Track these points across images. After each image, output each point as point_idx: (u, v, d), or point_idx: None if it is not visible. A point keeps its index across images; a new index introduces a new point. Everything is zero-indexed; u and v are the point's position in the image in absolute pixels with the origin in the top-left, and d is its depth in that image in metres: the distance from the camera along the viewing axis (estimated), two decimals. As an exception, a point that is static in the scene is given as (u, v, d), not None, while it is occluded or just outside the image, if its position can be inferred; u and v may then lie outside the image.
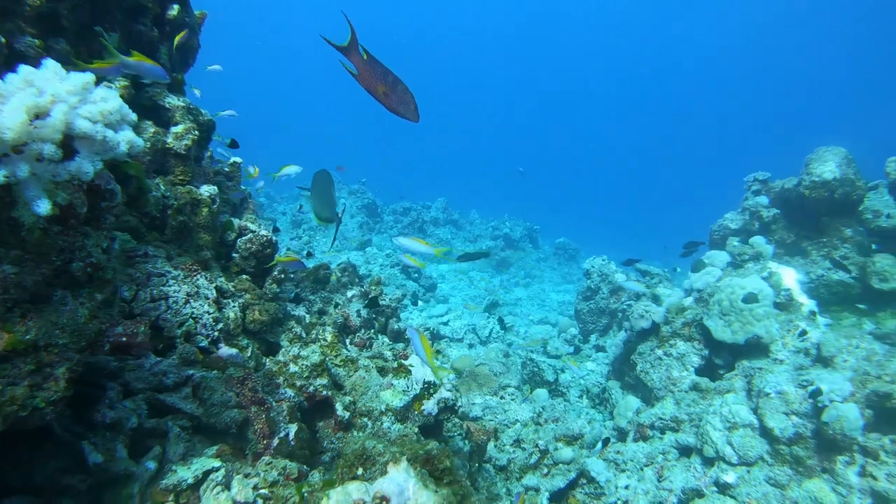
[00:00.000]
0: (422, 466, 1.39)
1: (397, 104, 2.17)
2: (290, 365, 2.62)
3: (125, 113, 1.49)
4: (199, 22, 3.95)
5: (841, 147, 6.33)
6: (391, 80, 2.12)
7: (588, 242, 18.54)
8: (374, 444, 1.41)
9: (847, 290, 6.27)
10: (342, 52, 2.08)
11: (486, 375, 5.10)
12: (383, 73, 2.11)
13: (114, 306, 1.89)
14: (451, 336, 7.97)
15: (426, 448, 1.53)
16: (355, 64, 2.09)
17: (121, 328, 1.89)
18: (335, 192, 4.49)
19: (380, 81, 2.11)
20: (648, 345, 5.25)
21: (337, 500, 1.22)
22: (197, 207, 3.04)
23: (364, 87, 2.13)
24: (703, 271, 5.29)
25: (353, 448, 1.42)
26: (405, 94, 2.15)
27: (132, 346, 1.94)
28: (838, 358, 4.45)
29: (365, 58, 2.07)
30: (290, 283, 5.09)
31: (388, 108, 2.17)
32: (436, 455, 1.51)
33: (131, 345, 1.94)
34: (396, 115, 2.20)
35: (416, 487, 1.27)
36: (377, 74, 2.11)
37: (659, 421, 4.81)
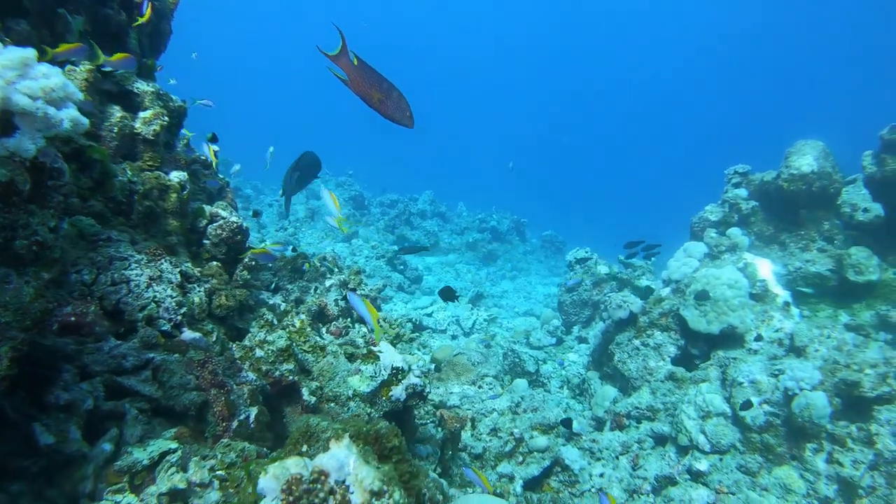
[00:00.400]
0: (366, 444, 1.40)
1: (393, 111, 2.15)
2: (257, 350, 2.62)
3: (69, 91, 1.47)
4: (172, 7, 3.92)
5: (819, 141, 6.38)
6: (385, 87, 2.11)
7: (575, 235, 18.60)
8: (318, 421, 1.42)
9: (824, 282, 6.33)
10: (333, 61, 2.07)
11: (464, 365, 5.11)
12: (377, 80, 2.09)
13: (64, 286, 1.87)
14: (435, 327, 7.99)
15: (375, 427, 1.54)
16: (346, 70, 2.08)
17: (70, 308, 1.88)
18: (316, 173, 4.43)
19: (374, 88, 2.10)
20: (626, 335, 5.28)
21: (274, 473, 1.22)
22: (165, 193, 3.02)
23: (357, 93, 2.12)
24: (680, 262, 5.33)
25: (298, 425, 1.43)
26: (400, 100, 2.14)
27: (82, 325, 1.93)
28: (810, 348, 4.50)
29: (356, 63, 2.06)
30: (268, 272, 5.08)
31: (382, 114, 2.16)
32: (384, 434, 1.52)
33: (81, 325, 1.92)
34: (391, 122, 2.18)
35: (356, 463, 1.27)
36: (371, 80, 2.09)
37: (635, 410, 4.85)
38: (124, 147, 3.09)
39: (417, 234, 13.95)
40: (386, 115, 2.16)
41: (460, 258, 13.67)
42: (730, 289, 4.70)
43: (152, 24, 3.65)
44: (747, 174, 6.95)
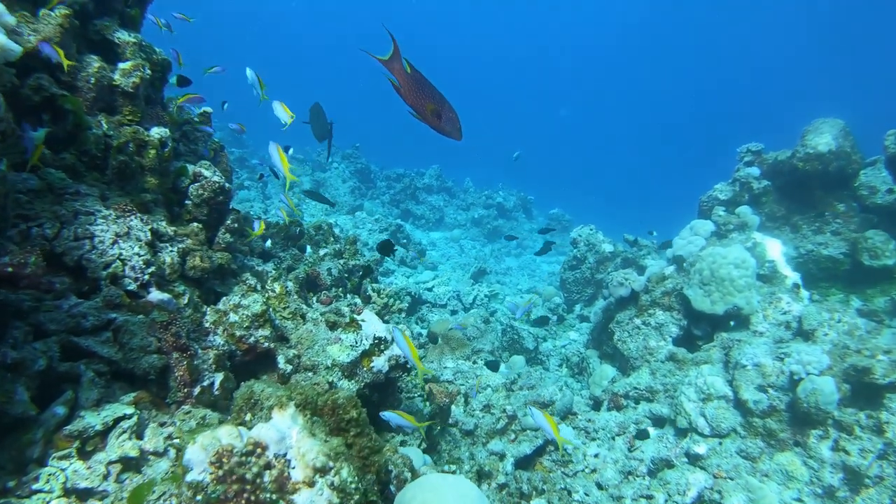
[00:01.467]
0: (317, 414, 1.26)
1: (445, 123, 2.11)
2: (231, 314, 2.49)
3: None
4: (160, -44, 3.72)
5: (839, 119, 6.11)
6: (438, 99, 2.07)
7: (582, 214, 18.34)
8: (263, 388, 1.28)
9: (836, 266, 6.12)
10: (383, 65, 2.03)
11: (459, 339, 4.98)
12: (430, 91, 2.06)
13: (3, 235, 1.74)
14: (434, 302, 7.85)
15: (333, 397, 1.40)
16: (399, 78, 2.04)
17: (7, 258, 1.74)
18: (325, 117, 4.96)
19: (428, 99, 2.06)
20: (627, 313, 5.12)
21: (203, 444, 1.09)
22: (143, 149, 2.87)
23: (408, 102, 2.07)
24: (686, 240, 5.14)
25: (241, 391, 1.29)
26: (451, 112, 2.10)
27: (21, 277, 1.80)
28: (819, 332, 4.32)
29: (409, 71, 2.02)
30: (262, 238, 4.95)
31: (433, 127, 2.12)
32: (341, 404, 1.38)
33: (20, 276, 1.79)
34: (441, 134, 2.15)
35: (300, 435, 1.13)
36: (424, 91, 2.06)
37: (633, 391, 4.71)
38: (102, 99, 2.94)
39: (422, 208, 13.77)
40: (437, 128, 2.13)
41: (465, 234, 13.50)
42: (736, 268, 4.51)
43: (137, -28, 3.46)
44: (760, 153, 6.70)
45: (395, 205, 13.72)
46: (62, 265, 2.12)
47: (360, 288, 5.19)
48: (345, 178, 13.77)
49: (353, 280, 5.07)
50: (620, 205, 26.43)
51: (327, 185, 13.59)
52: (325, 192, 13.42)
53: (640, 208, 25.26)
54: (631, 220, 19.88)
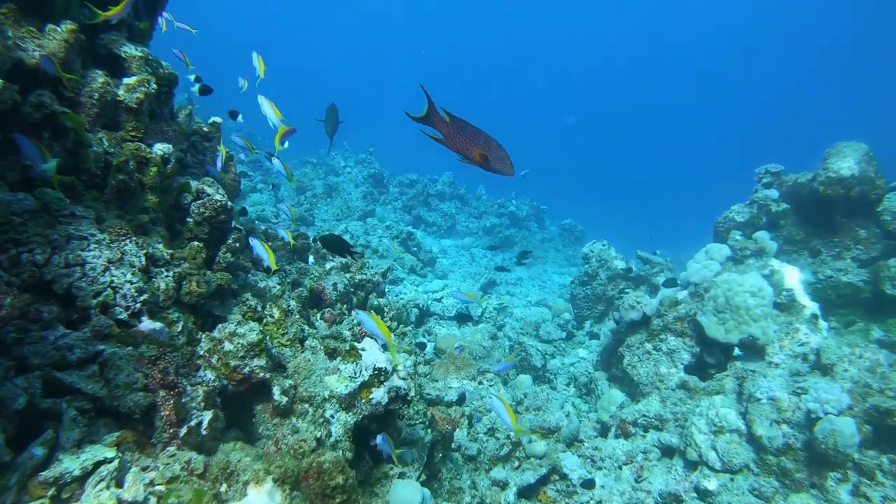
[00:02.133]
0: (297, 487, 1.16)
1: (495, 163, 2.09)
2: (226, 342, 2.39)
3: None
4: (172, -33, 3.65)
5: (862, 143, 5.92)
6: (483, 140, 2.05)
7: (595, 225, 18.14)
8: (241, 457, 1.18)
9: (856, 293, 5.93)
10: (423, 122, 2.05)
11: (464, 359, 4.87)
12: (473, 134, 2.05)
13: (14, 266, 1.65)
14: (443, 314, 7.74)
15: (318, 460, 1.30)
16: (440, 129, 2.05)
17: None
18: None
19: (473, 143, 2.05)
20: (637, 337, 4.98)
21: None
22: (145, 167, 2.78)
23: (455, 150, 2.09)
24: (700, 264, 4.98)
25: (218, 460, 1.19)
26: (499, 150, 2.07)
27: None
28: (838, 367, 4.15)
29: (448, 120, 2.03)
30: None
31: (484, 168, 2.12)
32: (327, 469, 1.27)
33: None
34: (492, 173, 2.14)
35: (275, 520, 1.04)
36: (468, 136, 2.05)
37: (642, 418, 4.56)
38: (106, 115, 2.86)
39: (434, 215, 13.67)
40: (487, 168, 2.12)
41: (476, 242, 13.37)
42: (752, 297, 4.35)
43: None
44: (780, 174, 6.52)
45: (408, 211, 13.63)
46: (51, 293, 2.03)
47: (367, 303, 5.09)
48: (357, 182, 13.72)
49: (360, 295, 4.97)
50: (634, 217, 26.11)
51: (340, 189, 13.53)
52: (337, 197, 13.37)
53: (654, 222, 24.95)
54: (644, 234, 19.65)
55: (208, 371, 2.13)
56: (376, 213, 13.14)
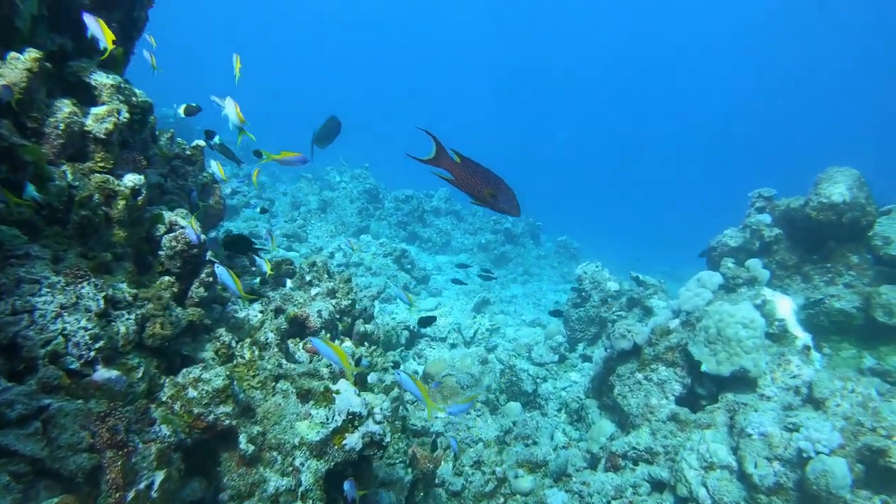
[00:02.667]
0: None
1: (503, 203, 2.12)
2: (189, 389, 2.25)
3: None
4: (152, -8, 3.55)
5: (854, 169, 5.82)
6: (493, 180, 2.08)
7: (592, 242, 18.05)
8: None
9: (849, 320, 5.81)
10: (432, 164, 2.07)
11: (452, 388, 4.72)
12: (483, 174, 2.08)
13: None
14: (434, 335, 7.59)
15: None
16: (450, 170, 2.07)
17: None
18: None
19: (483, 184, 2.08)
20: (628, 367, 4.84)
21: None
22: (113, 200, 2.66)
23: (465, 191, 2.11)
24: (692, 292, 4.86)
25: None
26: (508, 191, 2.10)
27: None
28: (830, 401, 4.01)
29: (458, 161, 2.05)
30: (249, 275, 4.74)
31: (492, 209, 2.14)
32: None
33: None
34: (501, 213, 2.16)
35: None
36: (478, 176, 2.08)
37: (632, 451, 4.41)
38: (73, 146, 2.73)
39: (429, 231, 13.55)
40: (496, 208, 2.14)
41: (472, 259, 13.25)
42: (744, 328, 4.22)
43: (124, 11, 3.28)
44: (772, 198, 6.42)
45: (403, 227, 13.51)
46: (-4, 342, 1.90)
47: (353, 330, 4.95)
48: (353, 198, 13.60)
49: (345, 322, 4.84)
50: (632, 232, 26.02)
51: (335, 204, 13.42)
52: (331, 213, 13.25)
53: (652, 236, 24.87)
54: (640, 250, 19.56)
55: (164, 426, 1.99)
56: (371, 229, 13.03)
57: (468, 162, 2.05)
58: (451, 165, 2.05)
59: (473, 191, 2.08)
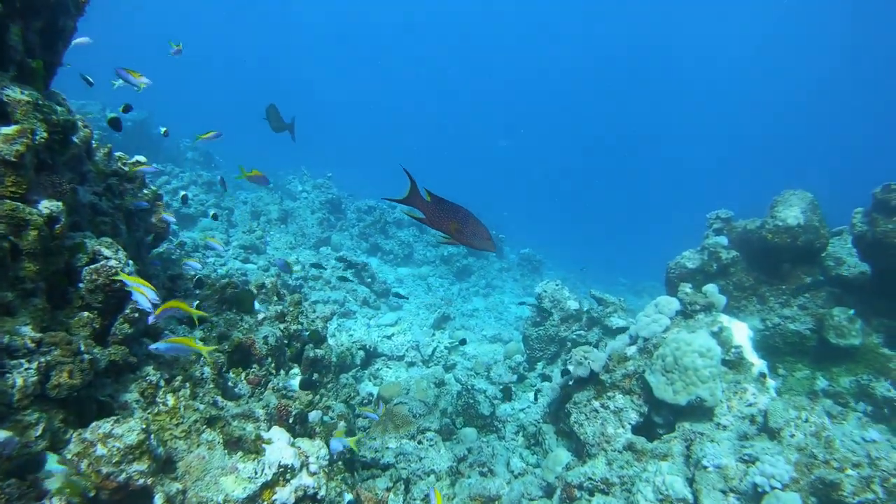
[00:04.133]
0: None
1: (471, 238, 2.13)
2: (98, 446, 2.03)
3: None
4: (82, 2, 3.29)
5: (807, 192, 5.89)
6: (462, 216, 2.09)
7: (555, 255, 18.09)
8: None
9: (803, 341, 5.86)
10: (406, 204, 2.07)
11: (404, 416, 4.54)
12: (452, 211, 2.09)
13: None
14: (391, 354, 7.39)
15: None
16: (421, 209, 2.09)
17: None
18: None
19: (450, 219, 2.09)
20: (585, 394, 4.73)
21: None
22: (23, 230, 2.41)
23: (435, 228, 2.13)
24: (650, 318, 4.79)
25: None
26: (477, 226, 2.12)
27: None
28: (785, 431, 3.98)
29: (429, 199, 2.06)
30: (192, 298, 4.48)
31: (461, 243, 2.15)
32: None
33: None
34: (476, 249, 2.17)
35: None
36: (446, 213, 2.09)
37: (588, 481, 4.30)
38: (-21, 169, 2.48)
39: (391, 243, 13.34)
40: (464, 242, 2.15)
41: (434, 271, 13.08)
42: (701, 357, 4.17)
43: (45, 20, 3.02)
44: (730, 220, 6.46)
45: (365, 238, 13.28)
46: None
47: (302, 355, 4.73)
48: (314, 208, 13.32)
49: (294, 346, 4.61)
50: (594, 248, 26.25)
51: (295, 215, 13.11)
52: (292, 223, 12.93)
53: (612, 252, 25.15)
54: (603, 266, 19.73)
55: (55, 499, 1.76)
56: (332, 241, 12.76)
57: (437, 199, 2.05)
58: (423, 205, 2.06)
59: (442, 227, 2.09)
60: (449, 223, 2.10)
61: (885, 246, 5.44)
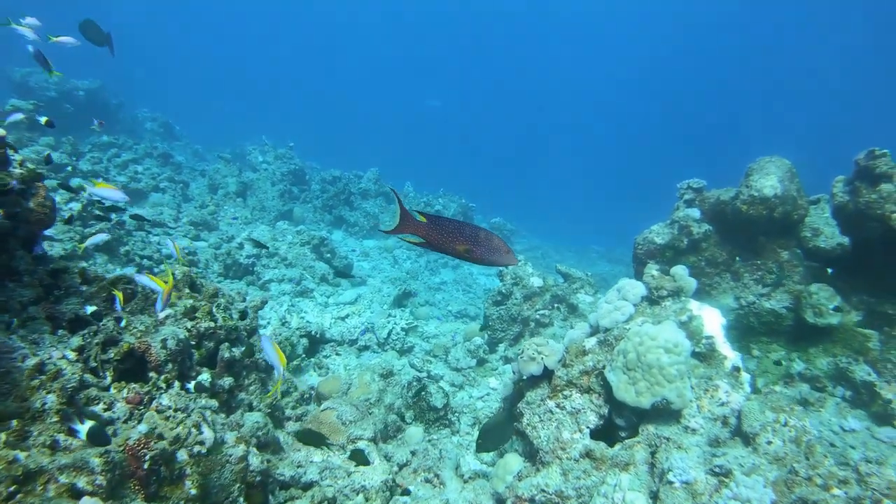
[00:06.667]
0: None
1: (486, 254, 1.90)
2: None
3: None
4: None
5: (786, 159, 5.22)
6: (468, 233, 1.89)
7: (528, 225, 17.43)
8: None
9: (779, 320, 5.29)
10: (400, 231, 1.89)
11: (332, 424, 3.87)
12: (456, 229, 1.89)
13: None
14: (341, 339, 6.70)
15: None
16: (417, 233, 1.90)
17: None
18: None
19: (456, 239, 1.88)
20: (539, 393, 4.10)
21: None
22: None
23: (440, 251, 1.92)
24: (612, 305, 4.14)
25: None
26: (490, 239, 1.89)
27: None
28: (761, 437, 3.38)
29: (424, 221, 1.89)
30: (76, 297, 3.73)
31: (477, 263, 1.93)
32: None
33: None
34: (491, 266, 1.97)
35: None
36: (449, 232, 1.89)
37: (541, 494, 3.69)
38: None
39: (356, 215, 12.54)
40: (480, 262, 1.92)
41: (400, 243, 12.36)
42: (667, 353, 3.53)
43: None
44: (702, 190, 5.79)
45: (328, 210, 12.46)
46: None
47: (217, 356, 4.02)
48: (275, 180, 12.41)
49: (206, 347, 3.89)
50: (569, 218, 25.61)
51: (255, 187, 12.21)
52: (252, 196, 12.05)
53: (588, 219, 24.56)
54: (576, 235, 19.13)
55: None
56: (294, 214, 11.94)
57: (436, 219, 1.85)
58: (418, 227, 1.86)
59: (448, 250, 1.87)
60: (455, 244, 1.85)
61: (868, 218, 4.82)
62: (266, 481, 3.37)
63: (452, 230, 1.88)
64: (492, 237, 1.89)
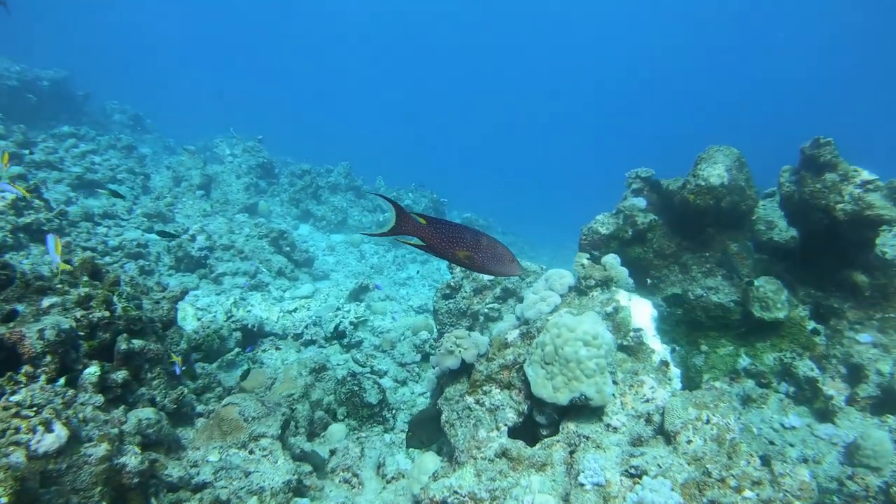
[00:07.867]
0: None
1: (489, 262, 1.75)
2: None
3: None
4: None
5: (734, 148, 4.97)
6: (470, 239, 1.74)
7: (505, 221, 17.15)
8: None
9: (727, 314, 5.05)
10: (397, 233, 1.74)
11: (233, 420, 3.57)
12: (457, 234, 1.74)
13: None
14: (283, 332, 6.40)
15: None
16: (417, 235, 1.75)
17: None
18: None
19: (457, 245, 1.74)
20: (458, 388, 3.82)
21: None
22: None
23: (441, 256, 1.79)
24: (538, 296, 3.88)
25: None
26: (493, 247, 1.75)
27: None
28: (682, 436, 3.12)
29: (424, 223, 1.74)
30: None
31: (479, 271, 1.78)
32: None
33: None
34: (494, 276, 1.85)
35: None
36: (450, 237, 1.74)
37: (453, 496, 3.41)
38: None
39: (324, 209, 12.22)
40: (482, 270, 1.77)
41: (367, 238, 12.06)
42: (585, 346, 3.26)
43: None
44: (650, 179, 5.53)
45: (295, 204, 12.13)
46: None
47: (114, 348, 3.71)
48: (240, 173, 12.07)
49: (93, 342, 3.58)
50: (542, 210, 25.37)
51: (220, 180, 11.86)
52: (216, 189, 11.70)
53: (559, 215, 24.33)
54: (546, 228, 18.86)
55: None
56: (259, 207, 11.60)
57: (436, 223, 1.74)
58: (418, 229, 1.73)
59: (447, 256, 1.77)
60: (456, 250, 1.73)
61: (813, 208, 4.59)
62: (147, 483, 3.07)
63: (452, 235, 1.75)
64: (495, 244, 1.77)
